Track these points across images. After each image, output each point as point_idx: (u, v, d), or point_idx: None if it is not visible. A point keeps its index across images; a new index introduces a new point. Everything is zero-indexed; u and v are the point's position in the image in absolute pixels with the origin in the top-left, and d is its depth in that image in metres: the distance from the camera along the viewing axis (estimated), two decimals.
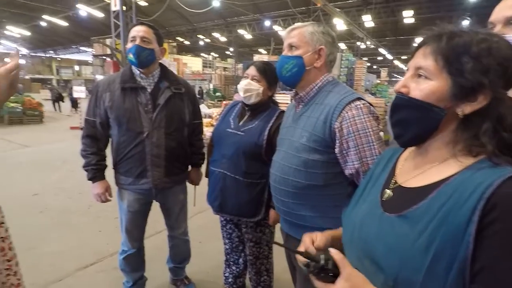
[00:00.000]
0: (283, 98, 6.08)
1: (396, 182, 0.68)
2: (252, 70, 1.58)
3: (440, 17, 17.23)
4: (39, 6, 21.13)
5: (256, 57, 14.59)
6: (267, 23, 20.38)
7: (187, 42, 27.14)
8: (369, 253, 0.63)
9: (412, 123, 0.60)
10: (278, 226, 1.60)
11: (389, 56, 23.01)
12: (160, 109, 1.60)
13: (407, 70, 0.65)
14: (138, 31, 1.56)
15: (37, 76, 34.45)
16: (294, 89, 1.23)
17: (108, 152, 1.74)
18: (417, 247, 0.53)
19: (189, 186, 1.96)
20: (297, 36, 1.14)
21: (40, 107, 11.00)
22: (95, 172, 1.66)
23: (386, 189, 0.68)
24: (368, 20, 16.65)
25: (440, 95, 0.57)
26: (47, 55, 39.98)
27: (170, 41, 23.21)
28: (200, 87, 15.87)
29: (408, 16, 16.84)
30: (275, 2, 16.01)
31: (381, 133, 1.14)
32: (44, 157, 5.83)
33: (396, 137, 0.65)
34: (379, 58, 28.83)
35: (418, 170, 0.64)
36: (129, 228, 1.78)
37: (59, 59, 40.08)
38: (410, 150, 0.72)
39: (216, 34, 24.61)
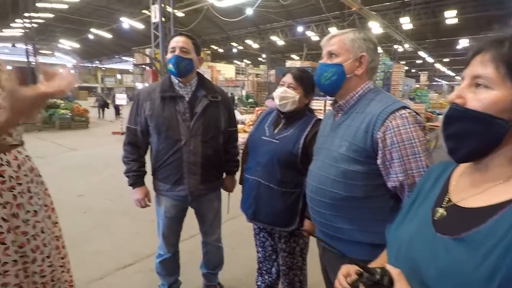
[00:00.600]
0: (316, 104, 6.00)
1: (450, 201, 0.62)
2: (288, 78, 1.57)
3: (487, 16, 16.07)
4: (87, 21, 22.98)
5: (289, 63, 14.61)
6: (299, 29, 20.34)
7: (220, 50, 27.86)
8: (419, 275, 0.58)
9: (470, 136, 0.55)
10: (312, 237, 1.57)
11: (430, 59, 21.79)
12: (197, 117, 1.64)
13: (462, 79, 0.59)
14: (177, 41, 1.61)
15: (84, 84, 37.23)
16: (333, 97, 1.20)
17: (147, 158, 1.80)
18: (478, 275, 0.48)
19: (223, 193, 1.99)
20: (337, 43, 1.12)
21: (86, 113, 11.87)
22: (136, 178, 1.73)
23: (438, 208, 0.63)
24: (406, 23, 15.97)
25: (503, 105, 0.52)
26: (93, 65, 43.20)
27: (205, 49, 24.01)
28: (232, 93, 16.19)
29: (450, 17, 15.88)
30: (308, 7, 15.92)
31: None
32: (89, 160, 6.25)
33: (450, 151, 0.59)
34: (418, 61, 27.49)
35: (476, 188, 0.58)
36: (165, 233, 1.83)
37: (104, 68, 43.14)
38: (465, 165, 0.65)
39: (249, 41, 25.03)
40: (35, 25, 20.45)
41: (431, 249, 0.58)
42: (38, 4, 19.20)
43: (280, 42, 23.48)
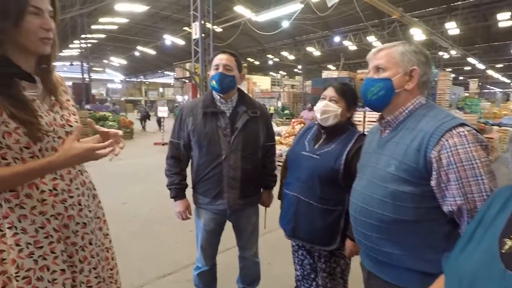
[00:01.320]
0: (355, 116, 5.81)
1: None
2: (330, 91, 1.54)
3: None
4: (134, 39, 24.83)
5: (325, 74, 14.38)
6: (336, 39, 20.09)
7: (256, 62, 28.37)
8: None
9: None
10: (354, 258, 1.48)
11: (480, 66, 20.19)
12: (237, 132, 1.66)
13: None
14: (221, 59, 1.66)
15: (130, 98, 39.94)
16: (380, 113, 1.14)
17: (188, 172, 1.85)
18: None
19: (260, 207, 1.97)
20: (385, 57, 1.06)
21: (131, 125, 12.68)
22: (178, 191, 1.78)
23: (507, 239, 0.55)
24: (452, 28, 15.05)
25: None
26: (138, 80, 46.29)
27: (242, 62, 24.62)
28: (264, 105, 16.38)
29: (504, 19, 14.66)
30: (345, 17, 15.70)
31: None
32: (133, 169, 6.62)
33: None
34: (467, 68, 25.64)
35: None
36: (204, 246, 1.86)
37: (147, 82, 46.00)
38: None
39: (284, 53, 25.23)
40: (89, 45, 22.59)
41: None
42: (93, 26, 21.20)
43: (316, 52, 23.35)
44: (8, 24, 0.84)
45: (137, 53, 29.10)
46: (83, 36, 19.36)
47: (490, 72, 25.54)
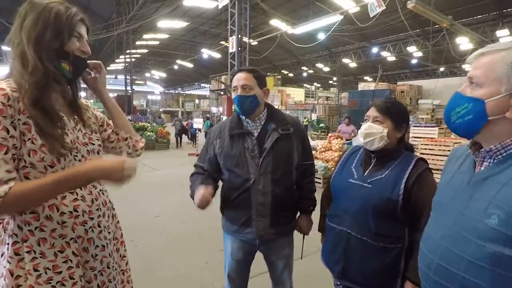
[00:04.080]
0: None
1: None
2: (372, 111, 1.35)
3: None
4: (174, 53, 26.11)
5: (361, 85, 13.95)
6: (374, 50, 19.47)
7: (291, 74, 28.37)
8: None
9: None
10: None
11: None
12: (266, 153, 1.51)
13: None
14: (238, 80, 1.54)
15: (168, 109, 41.80)
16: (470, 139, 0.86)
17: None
18: None
19: (296, 235, 1.76)
20: (483, 66, 0.76)
21: (168, 135, 13.10)
22: (203, 180, 1.53)
23: None
24: (505, 35, 13.89)
25: None
26: (176, 92, 48.45)
27: (276, 74, 24.77)
28: (298, 118, 16.15)
29: None
30: (383, 28, 15.14)
31: None
32: (167, 180, 6.72)
33: None
34: None
35: None
36: (231, 276, 1.70)
37: (184, 94, 47.93)
38: None
39: (319, 65, 24.96)
40: (133, 60, 24.12)
41: None
42: (137, 42, 22.64)
43: (352, 64, 22.80)
44: (57, 41, 0.93)
45: (176, 67, 30.51)
46: (127, 51, 20.72)
47: None
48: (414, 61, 21.46)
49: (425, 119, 10.18)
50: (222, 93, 16.29)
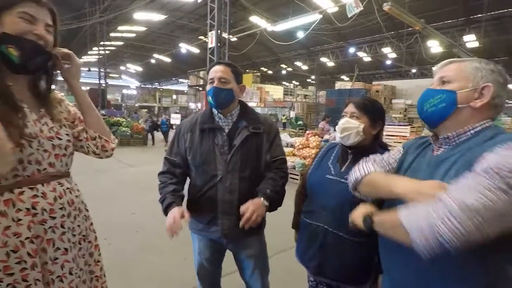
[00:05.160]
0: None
1: None
2: (350, 108, 1.40)
3: None
4: (151, 47, 25.37)
5: (338, 84, 14.27)
6: (351, 50, 19.96)
7: (270, 72, 28.45)
8: None
9: None
10: None
11: None
12: (235, 150, 1.48)
13: None
14: (216, 71, 1.50)
15: (144, 104, 40.60)
16: (434, 128, 1.00)
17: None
18: None
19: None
20: (454, 69, 0.95)
21: (143, 131, 12.76)
22: (173, 198, 1.45)
23: None
24: (471, 40, 14.74)
25: None
26: (153, 86, 47.17)
27: (255, 71, 24.75)
28: (274, 114, 16.17)
29: None
30: (360, 28, 15.56)
31: None
32: (143, 177, 6.55)
33: None
34: None
35: None
36: (201, 274, 1.69)
37: (161, 89, 46.75)
38: None
39: (298, 63, 25.24)
40: (107, 52, 23.17)
41: None
42: (112, 34, 21.76)
43: (330, 63, 23.25)
44: None
45: (153, 61, 29.68)
46: (101, 43, 19.88)
47: (511, 86, 24.77)
48: (388, 62, 22.21)
49: (398, 118, 10.62)
50: (200, 89, 16.05)
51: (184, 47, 21.25)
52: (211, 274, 1.71)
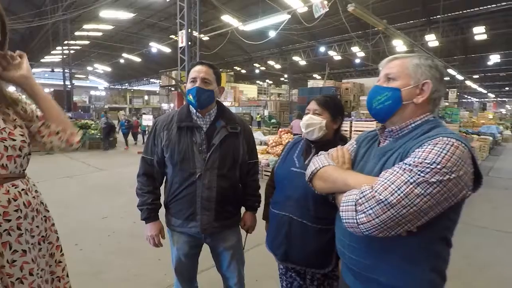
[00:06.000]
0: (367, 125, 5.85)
1: None
2: (313, 105, 1.50)
3: None
4: (119, 46, 24.49)
5: (311, 83, 14.59)
6: (322, 49, 20.47)
7: (243, 71, 28.50)
8: None
9: None
10: None
11: (459, 76, 21.00)
12: (214, 149, 1.53)
13: None
14: (199, 71, 1.53)
15: (114, 105, 39.13)
16: (382, 123, 1.10)
17: (162, 191, 1.71)
18: None
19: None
20: (397, 66, 1.02)
21: (114, 133, 12.34)
22: (150, 212, 1.60)
23: None
24: (432, 40, 15.65)
25: None
26: (123, 87, 45.56)
27: (228, 70, 24.69)
28: (248, 113, 16.20)
29: (479, 33, 15.39)
30: (330, 28, 16.05)
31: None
32: (115, 180, 6.38)
33: None
34: (446, 78, 26.51)
35: None
36: (178, 269, 1.72)
37: (132, 90, 45.28)
38: None
39: (271, 62, 25.47)
40: (72, 52, 22.09)
41: None
42: (76, 33, 20.77)
43: (302, 62, 23.69)
44: None
45: (122, 60, 28.65)
46: (65, 42, 18.93)
47: (468, 82, 26.58)
48: (357, 61, 23.01)
49: (365, 114, 11.07)
50: (172, 89, 15.77)
51: (155, 47, 20.75)
52: (189, 269, 1.75)
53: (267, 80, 33.20)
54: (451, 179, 0.82)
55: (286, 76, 27.91)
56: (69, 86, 19.84)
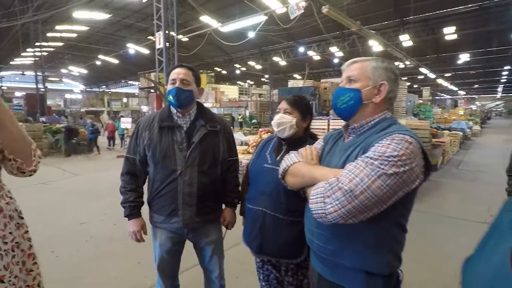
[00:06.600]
0: (319, 123, 6.00)
1: None
2: (283, 104, 1.58)
3: (486, 32, 16.28)
4: (95, 48, 23.78)
5: (291, 83, 14.79)
6: (301, 49, 20.76)
7: (224, 72, 28.41)
8: None
9: None
10: None
11: (431, 75, 21.91)
12: (194, 147, 1.60)
13: None
14: (178, 73, 1.61)
15: (91, 108, 37.93)
16: (346, 121, 1.19)
17: (145, 189, 1.76)
18: None
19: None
20: (357, 69, 1.12)
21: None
22: (132, 209, 1.67)
23: None
24: (406, 40, 16.24)
25: None
26: (100, 90, 44.26)
27: (209, 71, 24.57)
28: (229, 113, 16.15)
29: (449, 33, 16.15)
30: (308, 29, 16.32)
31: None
32: (92, 185, 6.23)
33: None
34: (420, 76, 27.67)
35: None
36: (161, 266, 1.75)
37: (110, 92, 44.07)
38: None
39: (251, 63, 25.53)
40: (44, 53, 21.23)
41: None
42: (49, 34, 19.99)
43: (282, 62, 23.91)
44: None
45: (98, 62, 27.83)
46: (37, 44, 18.19)
47: (440, 80, 27.76)
48: (336, 60, 23.50)
49: None
50: (152, 91, 15.53)
51: (132, 48, 20.30)
52: (171, 266, 1.79)
53: (248, 81, 33.30)
54: (406, 171, 0.91)
55: (267, 76, 28.08)
56: (42, 90, 19.09)
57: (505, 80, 33.92)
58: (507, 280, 0.54)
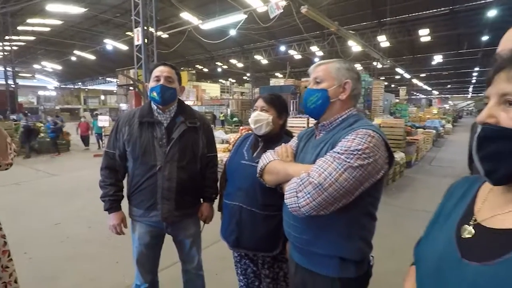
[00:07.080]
0: (299, 122, 6.11)
1: (475, 220, 0.60)
2: (260, 102, 1.62)
3: (457, 34, 17.07)
4: (70, 43, 22.87)
5: (273, 81, 14.89)
6: (282, 48, 20.92)
7: (205, 70, 28.15)
8: None
9: (510, 156, 0.52)
10: None
11: (407, 75, 22.72)
12: (173, 143, 1.64)
13: (487, 98, 0.57)
14: (162, 71, 1.64)
15: (66, 106, 36.52)
16: (317, 120, 1.25)
17: (125, 183, 1.76)
18: None
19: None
20: (323, 71, 1.19)
21: (67, 136, 11.57)
22: (112, 203, 1.69)
23: (466, 226, 0.60)
24: (383, 41, 16.76)
25: None
26: (76, 87, 42.61)
27: (190, 69, 24.24)
28: (211, 111, 16.05)
29: (424, 35, 16.84)
30: (289, 28, 16.46)
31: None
32: (68, 185, 6.02)
33: (487, 173, 0.56)
34: (397, 77, 28.63)
35: (509, 208, 0.56)
36: (140, 261, 1.76)
37: (87, 90, 42.56)
38: None
39: (233, 61, 25.45)
40: (15, 48, 20.20)
41: (459, 279, 0.55)
42: (19, 28, 19.04)
43: (264, 61, 24.00)
44: None
45: (73, 58, 26.80)
46: (7, 37, 17.29)
47: (415, 80, 28.86)
48: (316, 60, 23.85)
49: None
50: (131, 88, 15.17)
51: (110, 44, 19.71)
52: (150, 260, 1.80)
53: (229, 79, 33.15)
54: (370, 163, 0.98)
55: (248, 74, 28.08)
56: (13, 86, 18.19)
57: (475, 80, 35.68)
58: (452, 258, 0.58)
